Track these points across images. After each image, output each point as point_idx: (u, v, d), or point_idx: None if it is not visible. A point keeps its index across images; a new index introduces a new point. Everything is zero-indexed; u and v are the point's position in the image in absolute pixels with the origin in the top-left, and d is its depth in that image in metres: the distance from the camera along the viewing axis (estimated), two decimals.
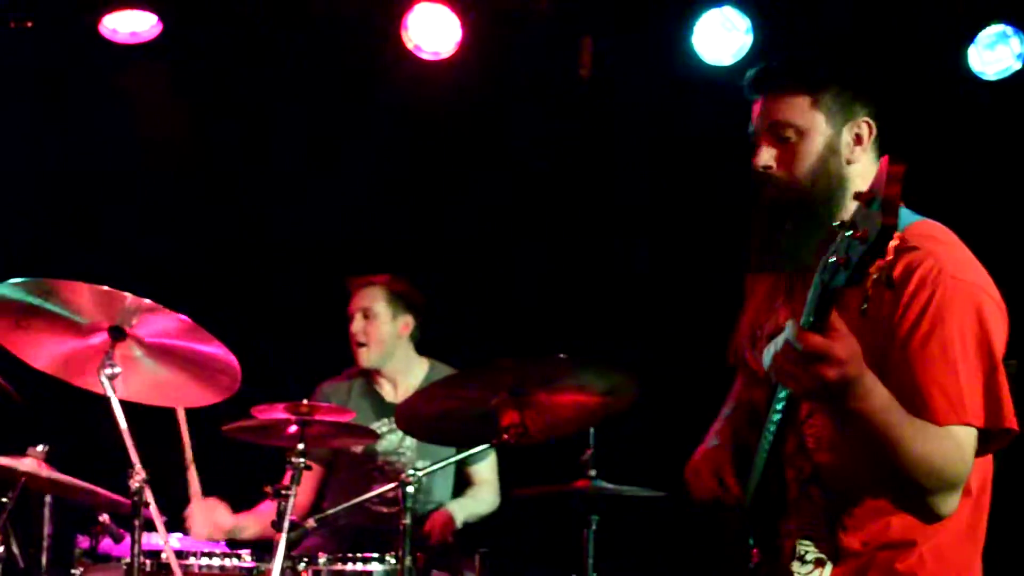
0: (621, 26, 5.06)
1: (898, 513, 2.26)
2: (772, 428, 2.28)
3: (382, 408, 4.33)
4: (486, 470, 4.39)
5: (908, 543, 2.27)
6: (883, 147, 2.39)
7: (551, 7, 5.00)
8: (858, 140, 2.37)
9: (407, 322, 4.38)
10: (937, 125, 4.79)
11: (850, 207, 2.26)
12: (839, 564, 2.30)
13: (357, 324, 4.32)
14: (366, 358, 4.33)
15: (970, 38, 4.86)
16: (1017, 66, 4.86)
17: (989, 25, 4.85)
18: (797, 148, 2.35)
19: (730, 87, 4.89)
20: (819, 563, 2.32)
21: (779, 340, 2.00)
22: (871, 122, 2.38)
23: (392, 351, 4.36)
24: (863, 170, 2.36)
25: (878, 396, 2.05)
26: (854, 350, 1.98)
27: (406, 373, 4.39)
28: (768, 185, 2.38)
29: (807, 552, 2.34)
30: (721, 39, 4.92)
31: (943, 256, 2.24)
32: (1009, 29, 4.84)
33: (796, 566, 2.34)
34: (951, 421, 2.15)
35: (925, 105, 4.77)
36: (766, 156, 2.37)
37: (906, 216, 2.30)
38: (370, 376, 4.40)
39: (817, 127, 2.34)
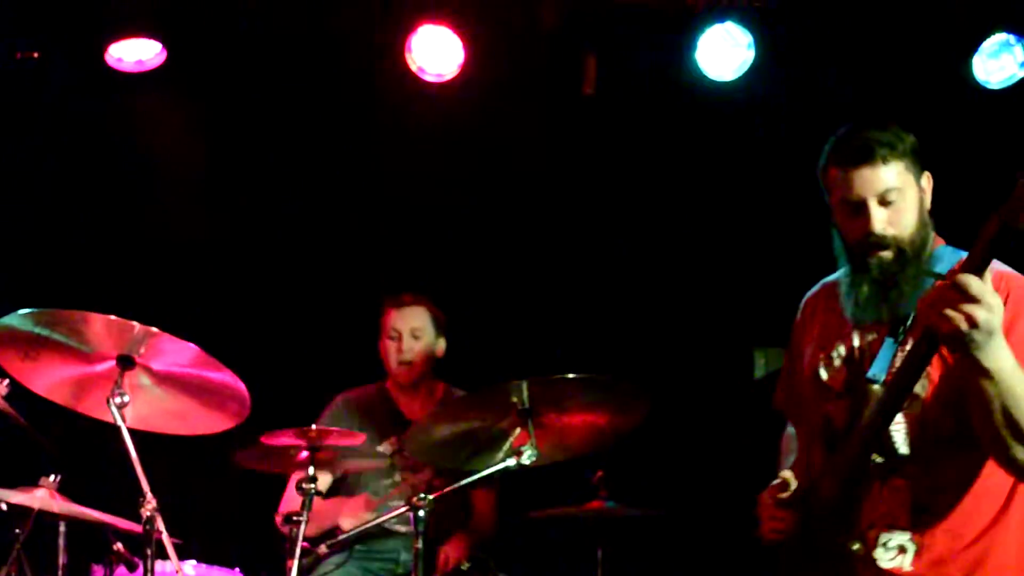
0: (624, 43, 5.07)
1: (978, 505, 2.62)
2: (865, 430, 2.61)
3: (400, 423, 4.33)
4: (484, 502, 4.35)
5: (986, 532, 2.62)
6: None
7: (554, 26, 5.01)
8: (929, 190, 2.82)
9: (442, 346, 4.44)
10: (942, 134, 4.77)
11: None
12: (921, 552, 2.62)
13: (407, 342, 4.33)
14: (409, 377, 4.36)
15: (974, 47, 4.86)
16: (1021, 74, 4.86)
17: (992, 34, 4.85)
18: (901, 208, 2.73)
19: (733, 102, 4.99)
20: (901, 550, 2.64)
21: (936, 286, 2.39)
22: (929, 173, 2.82)
23: (427, 373, 4.40)
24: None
25: (1007, 357, 2.41)
26: (1000, 304, 2.36)
27: (428, 394, 4.42)
28: (883, 246, 2.73)
29: (890, 540, 2.65)
30: (724, 55, 4.93)
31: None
32: (1012, 38, 4.84)
33: (879, 553, 2.64)
34: None
35: (930, 114, 4.76)
36: (882, 221, 2.73)
37: (951, 255, 2.78)
38: (388, 395, 4.41)
39: (911, 186, 2.76)
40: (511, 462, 3.35)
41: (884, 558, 2.65)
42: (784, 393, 3.09)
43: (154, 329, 3.19)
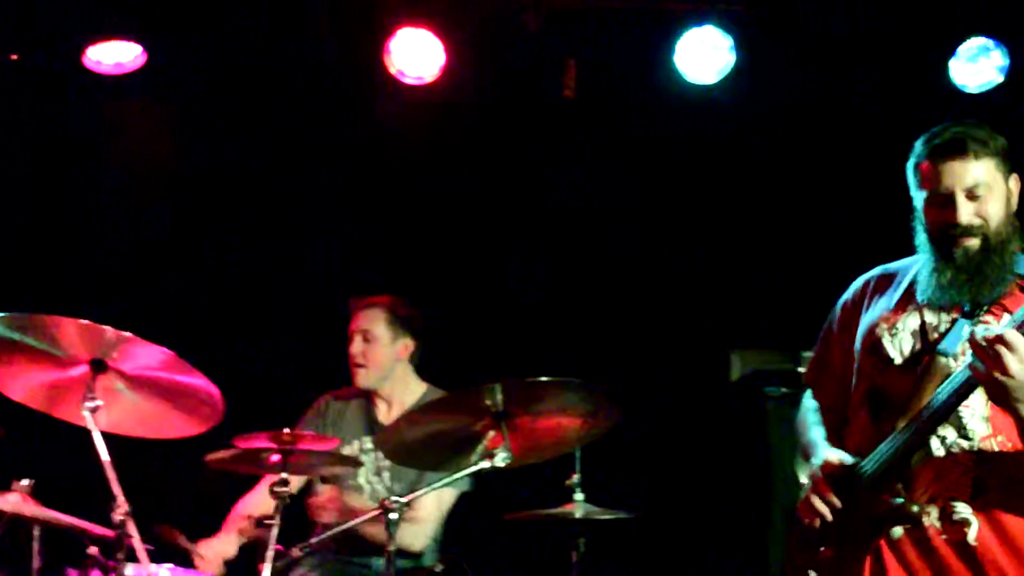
0: (604, 47, 5.08)
1: None
2: (932, 404, 2.71)
3: (373, 427, 4.34)
4: (431, 506, 4.23)
5: None
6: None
7: (534, 30, 5.02)
8: (1016, 192, 2.90)
9: (407, 345, 4.38)
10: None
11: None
12: (983, 526, 2.72)
13: (356, 346, 4.33)
14: (363, 379, 4.34)
15: (952, 51, 4.88)
16: (999, 79, 4.87)
17: (970, 38, 4.87)
18: (988, 202, 2.84)
19: (713, 105, 5.00)
20: (965, 523, 2.73)
21: (992, 329, 2.60)
22: (1017, 176, 2.91)
23: (389, 373, 4.37)
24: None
25: None
26: None
27: (403, 395, 4.38)
28: (970, 234, 2.83)
29: (955, 512, 2.73)
30: (704, 58, 4.94)
31: None
32: (990, 42, 4.86)
33: (944, 525, 2.73)
34: None
35: (908, 117, 4.77)
36: (968, 212, 2.82)
37: None
38: (369, 396, 4.41)
39: (999, 183, 2.86)
40: (485, 464, 3.36)
41: (948, 530, 2.74)
42: (816, 371, 3.15)
43: (127, 333, 3.19)
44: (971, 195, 2.82)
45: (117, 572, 3.11)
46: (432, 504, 4.21)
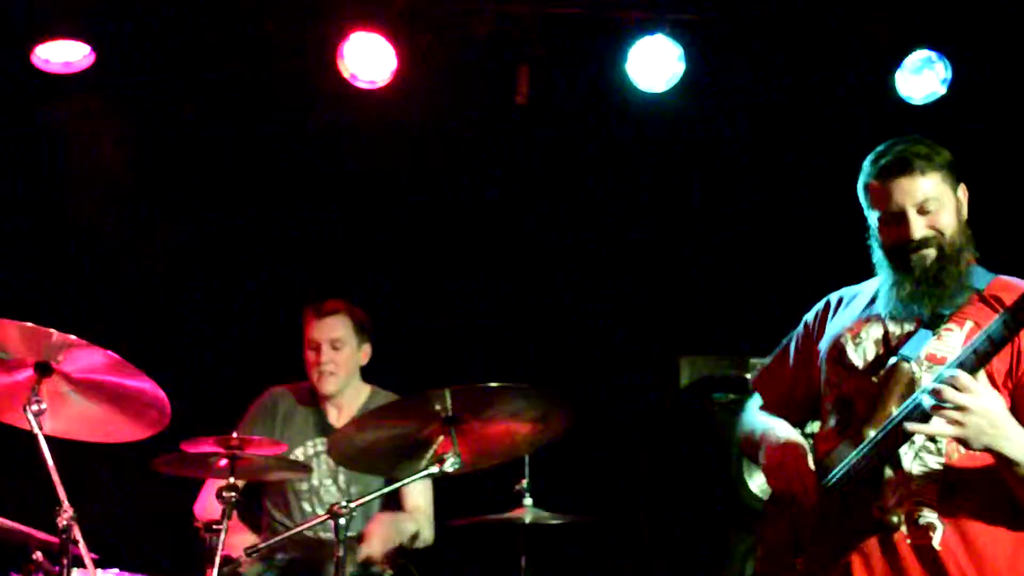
0: (557, 54, 5.10)
1: (1009, 507, 2.77)
2: (897, 413, 2.74)
3: (325, 430, 4.33)
4: (419, 497, 4.35)
5: (1012, 512, 2.77)
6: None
7: (487, 36, 5.03)
8: (965, 201, 2.95)
9: (367, 351, 4.41)
10: (866, 149, 4.86)
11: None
12: (948, 530, 2.76)
13: (327, 354, 4.30)
14: (332, 386, 4.33)
15: (897, 63, 4.96)
16: (942, 91, 4.95)
17: (915, 51, 4.94)
18: (939, 215, 2.89)
19: (663, 113, 5.04)
20: (931, 528, 2.77)
21: (944, 373, 2.64)
22: (965, 185, 2.96)
23: (352, 379, 4.38)
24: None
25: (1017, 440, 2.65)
26: (990, 395, 2.64)
27: (352, 399, 4.39)
28: (924, 248, 2.87)
29: (921, 517, 2.77)
30: (654, 67, 4.98)
31: None
32: (934, 55, 4.94)
33: (910, 530, 2.76)
34: None
35: (854, 129, 4.84)
36: (921, 227, 2.88)
37: (984, 275, 2.93)
38: (318, 399, 4.39)
39: (948, 195, 2.90)
40: (434, 469, 3.35)
41: (914, 534, 2.77)
42: (766, 378, 3.22)
43: (72, 336, 3.15)
44: (922, 210, 2.87)
45: None
46: (420, 493, 4.27)
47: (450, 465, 3.35)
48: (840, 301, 3.12)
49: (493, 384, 3.39)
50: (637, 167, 5.25)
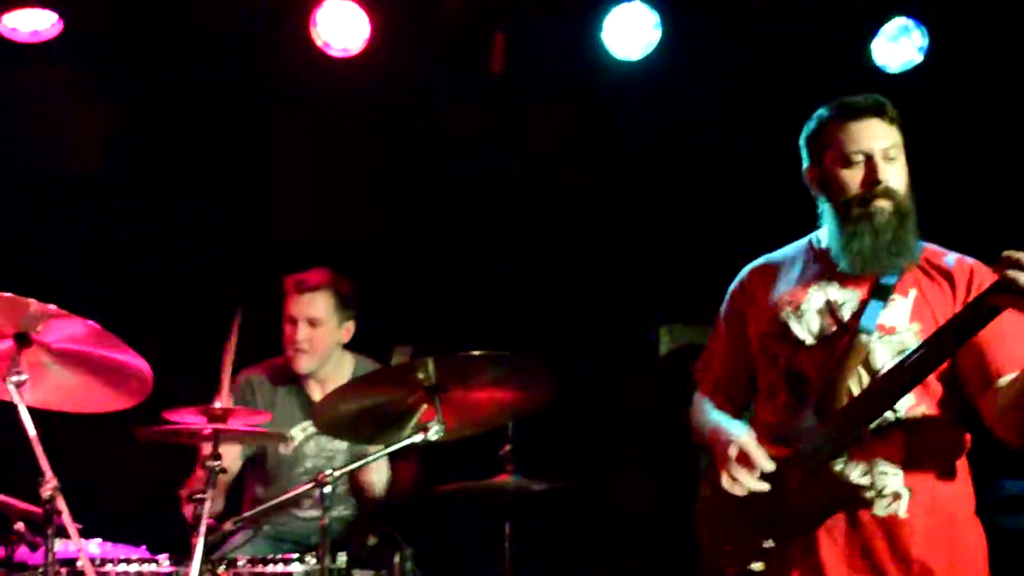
0: (532, 21, 5.08)
1: (959, 456, 2.84)
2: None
3: (310, 410, 4.22)
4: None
5: (959, 477, 2.83)
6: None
7: (461, 3, 4.99)
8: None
9: (350, 327, 4.29)
10: None
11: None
12: (914, 497, 2.76)
13: (302, 332, 4.18)
14: (306, 365, 4.23)
15: (873, 31, 4.96)
16: (919, 59, 4.96)
17: (892, 19, 4.95)
18: (898, 168, 2.86)
19: (639, 81, 5.03)
20: (896, 496, 2.77)
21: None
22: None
23: (330, 356, 4.28)
24: None
25: None
26: None
27: (335, 375, 4.28)
28: (886, 198, 2.83)
29: (885, 487, 2.77)
30: (630, 34, 4.96)
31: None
32: (911, 23, 4.94)
33: (872, 496, 2.76)
34: None
35: (830, 97, 4.84)
36: (891, 173, 2.84)
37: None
38: (300, 378, 4.30)
39: (903, 155, 2.88)
40: (418, 438, 3.36)
41: (880, 505, 2.77)
42: (704, 366, 3.17)
43: (51, 306, 3.12)
44: (886, 156, 2.83)
45: (46, 547, 3.04)
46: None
47: (434, 433, 3.35)
48: (763, 271, 3.05)
49: (476, 352, 3.39)
50: (614, 135, 5.24)
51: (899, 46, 4.96)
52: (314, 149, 5.24)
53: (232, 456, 4.09)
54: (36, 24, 4.81)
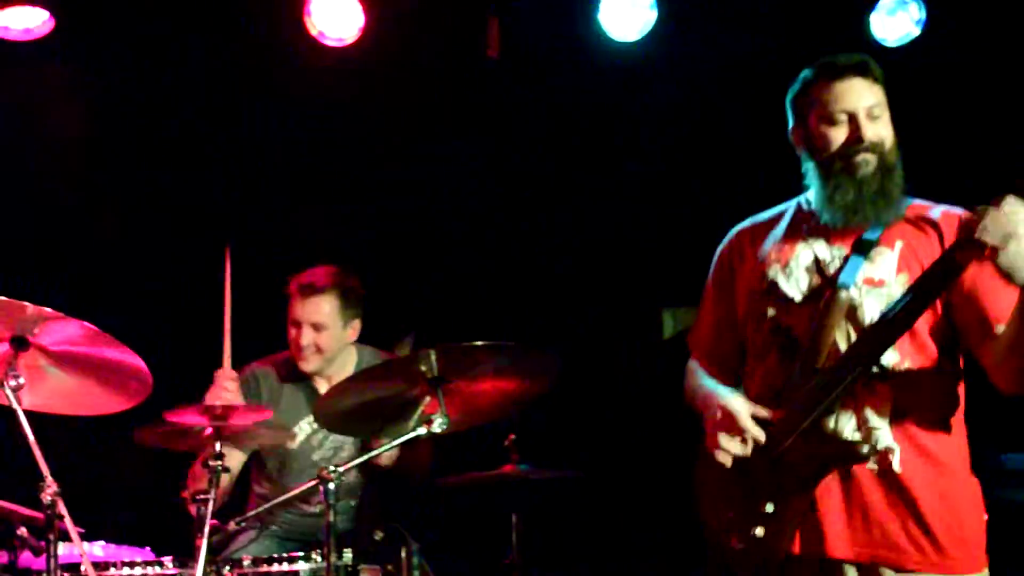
0: (527, 5, 5.04)
1: (952, 412, 2.85)
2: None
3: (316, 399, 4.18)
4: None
5: (953, 432, 2.84)
6: None
7: None
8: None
9: (356, 326, 4.24)
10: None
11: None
12: (904, 449, 2.78)
13: (307, 337, 4.14)
14: (311, 365, 4.19)
15: (871, 5, 4.92)
16: (916, 32, 4.93)
17: None
18: (883, 126, 2.89)
19: (636, 63, 4.99)
20: (889, 450, 2.78)
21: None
22: None
23: (337, 355, 4.24)
24: None
25: None
26: None
27: (340, 369, 4.25)
28: (869, 153, 2.86)
29: (878, 441, 2.78)
30: (627, 15, 4.93)
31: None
32: None
33: (867, 452, 2.77)
34: None
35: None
36: (874, 131, 2.87)
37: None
38: (306, 375, 4.25)
39: (887, 112, 2.91)
40: (422, 430, 3.33)
41: (874, 460, 2.79)
42: (697, 331, 3.19)
43: (47, 309, 3.09)
44: (870, 115, 2.86)
45: (47, 552, 3.02)
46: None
47: (438, 425, 3.33)
48: (751, 230, 3.08)
49: (478, 343, 3.36)
50: (613, 118, 5.20)
51: (897, 20, 4.93)
52: (310, 140, 5.21)
53: (235, 454, 4.06)
54: (28, 22, 4.79)
